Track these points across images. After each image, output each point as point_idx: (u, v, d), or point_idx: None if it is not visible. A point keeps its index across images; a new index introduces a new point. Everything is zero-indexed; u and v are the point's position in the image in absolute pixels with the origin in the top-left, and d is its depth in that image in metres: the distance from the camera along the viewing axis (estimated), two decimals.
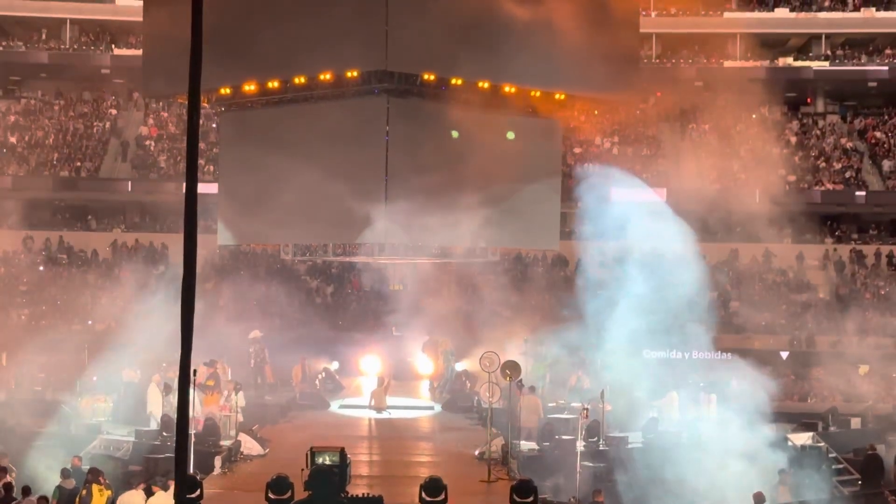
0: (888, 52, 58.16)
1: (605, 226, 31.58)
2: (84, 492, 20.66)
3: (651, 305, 31.68)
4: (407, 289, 45.27)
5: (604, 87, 32.50)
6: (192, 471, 19.95)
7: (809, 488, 26.64)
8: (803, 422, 34.15)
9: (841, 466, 30.34)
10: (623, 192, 31.43)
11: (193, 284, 6.85)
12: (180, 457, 6.90)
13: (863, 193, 53.28)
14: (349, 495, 16.48)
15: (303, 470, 15.83)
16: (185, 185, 6.74)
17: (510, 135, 32.87)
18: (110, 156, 54.79)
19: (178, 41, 7.15)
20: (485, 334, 34.58)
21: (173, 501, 8.76)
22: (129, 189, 51.85)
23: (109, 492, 21.05)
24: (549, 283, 44.74)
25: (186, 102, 7.02)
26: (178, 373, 7.12)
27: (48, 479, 22.56)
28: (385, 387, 32.93)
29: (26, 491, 19.96)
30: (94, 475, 21.12)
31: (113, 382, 31.81)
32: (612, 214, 31.52)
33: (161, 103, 54.84)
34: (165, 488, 19.17)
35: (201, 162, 45.57)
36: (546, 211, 34.48)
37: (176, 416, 7.50)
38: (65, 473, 21.83)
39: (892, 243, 52.50)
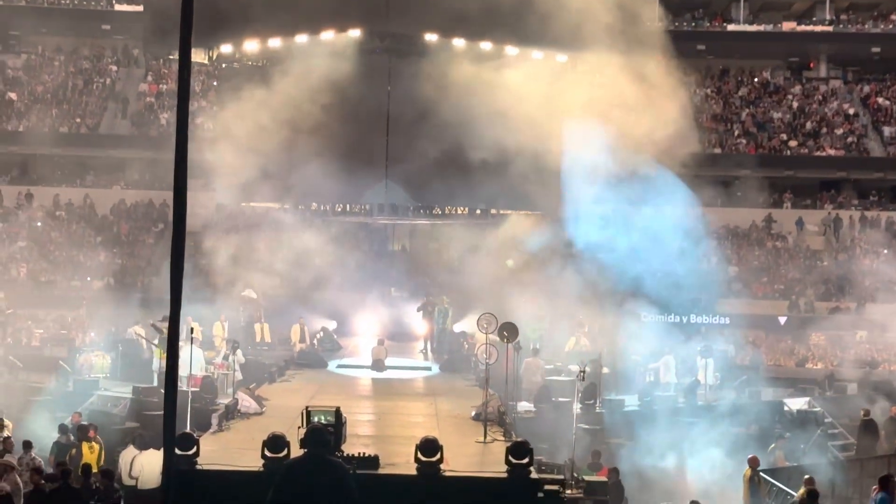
0: (893, 17, 57.78)
1: (603, 189, 31.52)
2: (73, 451, 20.67)
3: (650, 269, 31.70)
4: (407, 250, 45.24)
5: (608, 48, 32.17)
6: (188, 428, 19.97)
7: (805, 453, 26.74)
8: (800, 387, 34.23)
9: (837, 431, 30.44)
10: (620, 155, 31.31)
11: (183, 242, 6.83)
12: (169, 410, 6.91)
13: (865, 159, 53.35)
14: (345, 454, 16.54)
15: (299, 428, 15.85)
16: (175, 141, 6.71)
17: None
18: (110, 112, 54.60)
19: None
20: (483, 295, 34.49)
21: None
22: (129, 146, 51.63)
23: (99, 447, 21.08)
24: (548, 245, 44.56)
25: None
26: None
27: (46, 434, 22.59)
28: (384, 346, 32.88)
29: (27, 445, 19.98)
30: (83, 432, 21.13)
31: (111, 339, 31.84)
32: (610, 178, 31.44)
33: (161, 60, 54.56)
34: (159, 447, 19.13)
35: (200, 120, 45.35)
36: (548, 174, 34.33)
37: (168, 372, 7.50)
38: (62, 429, 21.88)
39: (893, 210, 52.43)
